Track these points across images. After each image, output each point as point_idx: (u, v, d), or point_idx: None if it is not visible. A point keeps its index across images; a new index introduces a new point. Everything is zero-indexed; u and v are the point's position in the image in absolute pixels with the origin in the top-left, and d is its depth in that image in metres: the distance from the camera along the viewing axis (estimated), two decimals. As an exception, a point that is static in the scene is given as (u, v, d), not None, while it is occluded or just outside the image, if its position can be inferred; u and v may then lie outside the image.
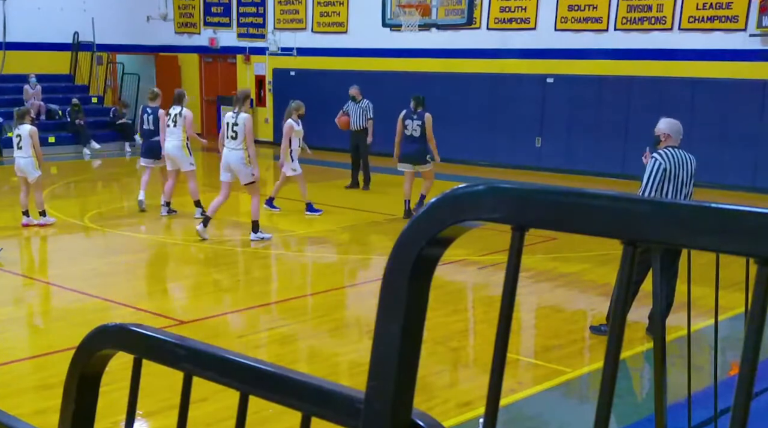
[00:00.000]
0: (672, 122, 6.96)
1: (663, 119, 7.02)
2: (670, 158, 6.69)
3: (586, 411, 5.67)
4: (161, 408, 5.20)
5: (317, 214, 12.51)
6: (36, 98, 20.21)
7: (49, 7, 21.49)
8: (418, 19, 14.58)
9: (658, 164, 6.67)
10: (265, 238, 10.72)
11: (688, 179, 6.74)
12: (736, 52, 15.18)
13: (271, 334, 7.26)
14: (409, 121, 11.92)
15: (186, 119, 11.81)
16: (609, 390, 0.76)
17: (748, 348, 0.68)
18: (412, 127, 11.89)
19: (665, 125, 6.93)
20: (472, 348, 7.11)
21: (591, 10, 16.78)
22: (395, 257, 0.86)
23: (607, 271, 9.22)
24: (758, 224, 0.66)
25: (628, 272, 0.75)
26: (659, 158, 6.70)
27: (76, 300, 8.05)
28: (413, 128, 11.88)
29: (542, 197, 0.78)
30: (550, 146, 17.44)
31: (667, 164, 6.66)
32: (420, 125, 11.84)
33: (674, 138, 6.85)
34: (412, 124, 11.89)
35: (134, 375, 1.15)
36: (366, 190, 14.94)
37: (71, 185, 16.23)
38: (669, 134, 6.87)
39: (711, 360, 5.23)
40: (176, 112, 11.86)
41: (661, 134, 6.90)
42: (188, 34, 23.70)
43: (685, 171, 6.73)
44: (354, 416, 0.91)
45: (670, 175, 6.66)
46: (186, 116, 11.82)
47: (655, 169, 6.67)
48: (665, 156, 6.70)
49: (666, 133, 6.88)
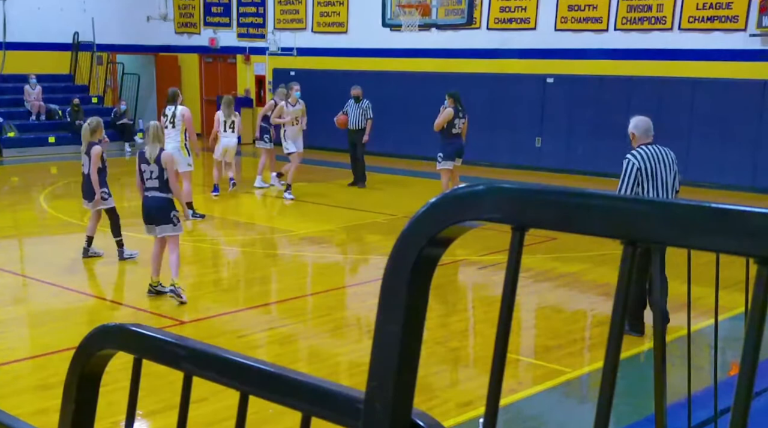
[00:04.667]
0: (639, 119, 6.83)
1: (632, 118, 6.91)
2: (643, 156, 6.58)
3: (586, 411, 5.67)
4: (161, 408, 5.20)
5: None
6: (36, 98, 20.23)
7: (49, 7, 21.48)
8: (418, 19, 14.58)
9: (631, 164, 6.56)
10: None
11: (668, 174, 6.62)
12: (736, 52, 15.18)
13: (271, 334, 7.26)
14: (458, 120, 12.26)
15: (185, 117, 11.70)
16: (609, 390, 0.76)
17: (748, 348, 0.68)
18: (459, 125, 12.29)
19: (632, 124, 6.80)
20: (472, 348, 7.11)
21: (591, 10, 16.78)
22: (395, 257, 0.86)
23: (607, 271, 9.22)
24: (758, 224, 0.66)
25: (628, 272, 0.75)
26: (632, 159, 6.58)
27: (76, 300, 8.05)
28: (459, 126, 12.30)
29: (542, 197, 0.78)
30: (550, 146, 17.44)
31: (641, 163, 6.55)
32: (464, 122, 12.35)
33: (643, 136, 6.72)
34: (459, 122, 12.28)
35: (134, 375, 1.15)
36: (362, 187, 14.98)
37: (71, 185, 16.23)
38: (635, 134, 6.77)
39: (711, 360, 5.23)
40: (172, 112, 11.77)
41: (629, 133, 6.83)
42: (188, 34, 23.70)
43: (664, 166, 6.61)
44: (354, 416, 0.91)
45: (647, 173, 6.55)
46: (185, 115, 11.70)
47: (628, 170, 6.56)
48: (638, 156, 6.59)
49: (632, 132, 6.79)
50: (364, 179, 15.14)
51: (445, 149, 12.19)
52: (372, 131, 14.93)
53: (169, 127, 11.76)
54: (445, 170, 12.24)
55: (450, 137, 12.17)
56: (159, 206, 7.84)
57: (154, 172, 7.79)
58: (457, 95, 12.35)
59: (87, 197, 9.51)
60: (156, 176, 7.77)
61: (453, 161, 12.25)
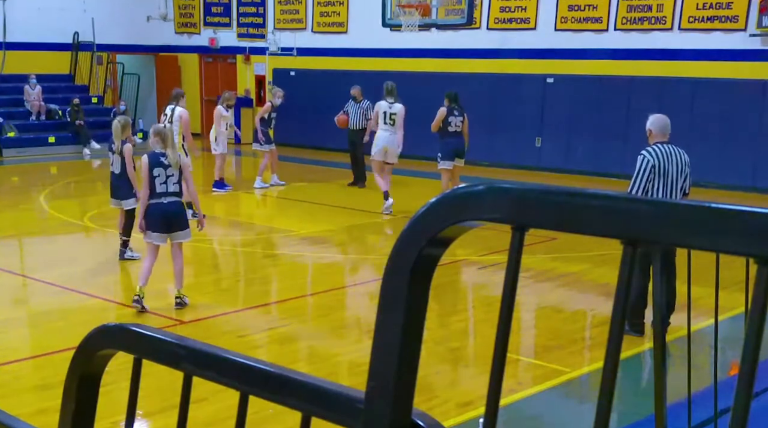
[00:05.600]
0: (658, 117, 6.95)
1: (650, 116, 7.03)
2: (657, 153, 6.68)
3: (586, 411, 5.67)
4: (161, 408, 5.20)
5: (224, 191, 14.18)
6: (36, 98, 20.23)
7: (49, 7, 21.48)
8: (418, 19, 14.58)
9: (646, 161, 6.67)
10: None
11: (678, 174, 6.71)
12: (736, 52, 15.18)
13: (271, 334, 7.26)
14: (452, 117, 12.19)
15: (182, 119, 11.72)
16: (609, 390, 0.76)
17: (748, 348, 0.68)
18: (456, 123, 12.22)
19: (650, 121, 6.94)
20: (472, 348, 7.11)
21: (591, 10, 16.78)
22: (395, 257, 0.86)
23: (607, 271, 9.22)
24: (758, 224, 0.66)
25: (628, 272, 0.75)
26: (647, 155, 6.70)
27: (76, 300, 8.05)
28: (456, 124, 12.22)
29: (542, 197, 0.78)
30: (550, 146, 17.44)
31: (655, 161, 6.65)
32: (462, 121, 12.25)
33: (659, 134, 6.83)
34: (455, 120, 12.19)
35: (134, 375, 1.15)
36: (362, 187, 15.00)
37: (71, 185, 16.23)
38: (651, 130, 6.87)
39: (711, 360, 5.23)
40: (171, 111, 11.79)
41: (647, 130, 6.92)
42: (188, 34, 23.69)
43: (676, 166, 6.70)
44: (354, 416, 0.91)
45: (659, 171, 6.65)
46: (182, 116, 11.72)
47: (642, 166, 6.68)
48: (652, 152, 6.69)
49: (649, 128, 6.89)
50: (363, 179, 15.16)
51: (442, 149, 12.19)
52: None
53: (168, 126, 11.79)
54: (444, 169, 12.24)
55: (446, 136, 12.16)
56: (180, 211, 7.59)
57: (174, 176, 7.50)
58: (451, 95, 12.32)
59: (118, 195, 9.37)
60: (176, 181, 7.50)
61: (452, 161, 12.23)
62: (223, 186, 14.27)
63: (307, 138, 20.22)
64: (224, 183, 14.38)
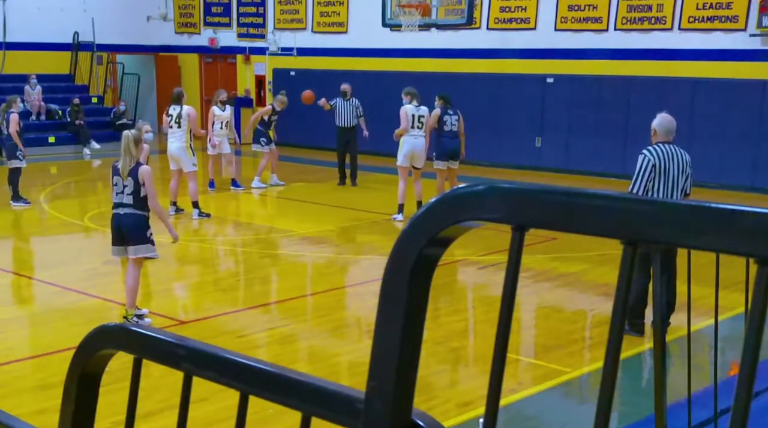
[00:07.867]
0: (663, 117, 6.93)
1: (658, 115, 7.02)
2: (658, 153, 6.67)
3: (586, 411, 5.67)
4: (161, 408, 5.19)
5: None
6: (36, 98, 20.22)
7: (49, 7, 21.48)
8: (418, 19, 14.59)
9: (647, 160, 6.66)
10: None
11: (679, 174, 6.70)
12: (736, 52, 15.17)
13: (271, 334, 7.26)
14: (447, 116, 12.17)
15: (190, 116, 11.79)
16: (609, 390, 0.76)
17: (748, 348, 0.68)
18: (451, 121, 12.18)
19: (656, 120, 6.93)
20: (472, 348, 7.11)
21: (591, 10, 16.78)
22: (395, 257, 0.86)
23: (607, 271, 9.22)
24: (758, 224, 0.66)
25: (628, 272, 0.75)
26: (648, 155, 6.69)
27: (76, 300, 8.05)
28: (452, 123, 12.19)
29: (542, 197, 0.78)
30: (550, 146, 17.44)
31: (656, 160, 6.64)
32: (457, 120, 12.22)
33: (663, 134, 6.81)
34: (450, 119, 12.18)
35: (134, 375, 1.15)
36: (354, 186, 15.01)
37: (71, 185, 16.23)
38: (656, 130, 6.86)
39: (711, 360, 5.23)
40: (177, 112, 11.83)
41: (651, 129, 6.92)
42: (188, 34, 23.69)
43: (677, 166, 6.69)
44: (354, 416, 0.91)
45: (660, 170, 6.64)
46: (190, 115, 11.79)
47: (643, 166, 6.66)
48: (653, 152, 6.68)
49: (654, 128, 6.88)
50: (355, 177, 15.19)
51: (436, 149, 12.18)
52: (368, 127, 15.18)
53: (174, 127, 11.80)
54: (438, 170, 12.19)
55: (442, 135, 12.15)
56: (134, 224, 6.97)
57: (128, 187, 6.95)
58: (445, 96, 12.33)
59: None
60: (130, 192, 6.93)
61: (445, 162, 12.14)
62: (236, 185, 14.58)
63: (306, 138, 20.22)
64: (237, 182, 14.61)
